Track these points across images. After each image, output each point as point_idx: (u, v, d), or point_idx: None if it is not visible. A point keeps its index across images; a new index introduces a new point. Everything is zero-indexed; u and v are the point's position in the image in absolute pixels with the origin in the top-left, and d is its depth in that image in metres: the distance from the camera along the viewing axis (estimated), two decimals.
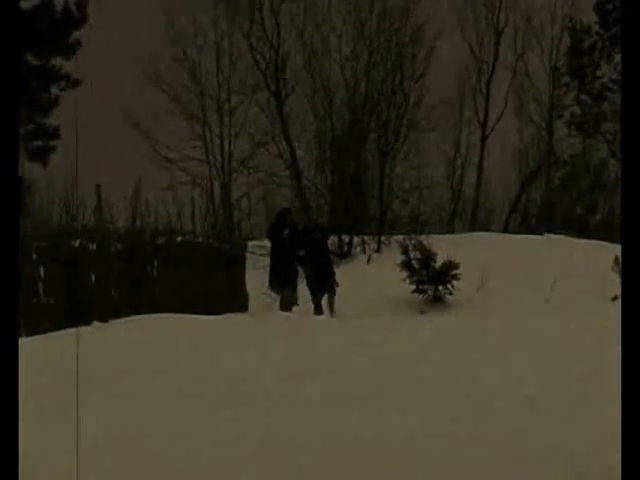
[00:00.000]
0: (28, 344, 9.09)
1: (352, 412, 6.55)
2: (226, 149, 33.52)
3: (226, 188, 32.62)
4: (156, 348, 9.27)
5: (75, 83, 24.76)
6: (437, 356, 8.67)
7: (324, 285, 16.64)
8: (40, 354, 8.67)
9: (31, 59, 23.90)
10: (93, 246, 13.80)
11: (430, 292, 19.50)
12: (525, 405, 6.74)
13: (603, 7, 31.28)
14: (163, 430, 6.23)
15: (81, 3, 24.37)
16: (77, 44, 24.27)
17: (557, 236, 24.86)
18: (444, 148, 34.94)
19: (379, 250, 24.03)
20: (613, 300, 15.15)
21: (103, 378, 7.74)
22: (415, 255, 19.82)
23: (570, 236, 24.93)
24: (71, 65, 24.58)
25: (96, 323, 12.00)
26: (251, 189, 30.73)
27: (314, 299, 16.72)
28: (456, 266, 19.25)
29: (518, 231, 30.19)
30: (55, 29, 23.74)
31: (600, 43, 30.84)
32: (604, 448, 5.28)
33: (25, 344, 8.91)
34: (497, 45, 35.10)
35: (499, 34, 35.06)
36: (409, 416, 6.43)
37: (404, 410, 6.60)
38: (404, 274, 19.52)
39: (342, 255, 23.55)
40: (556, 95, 34.40)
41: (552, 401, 6.91)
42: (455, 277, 19.25)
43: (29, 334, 11.29)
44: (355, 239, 24.45)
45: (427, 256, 19.61)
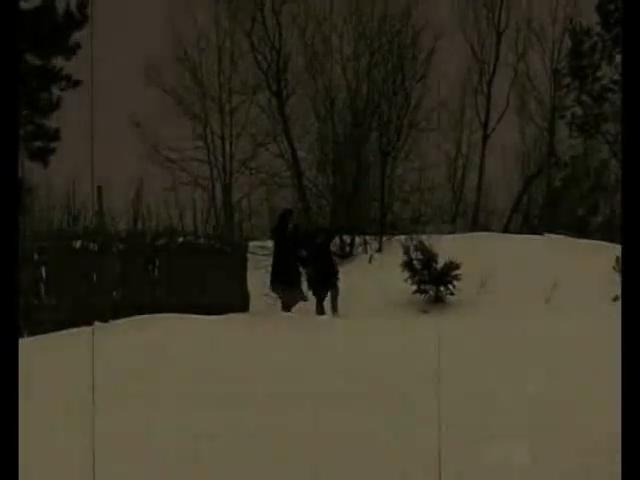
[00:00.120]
0: (29, 344, 9.10)
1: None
2: (227, 150, 33.50)
3: (227, 189, 32.60)
4: (157, 348, 9.28)
5: (76, 84, 24.75)
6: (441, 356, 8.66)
7: (326, 285, 16.57)
8: (42, 354, 8.68)
9: (32, 59, 23.89)
10: (94, 247, 13.81)
11: (432, 292, 19.49)
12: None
13: (605, 8, 31.20)
14: (167, 429, 6.23)
15: (82, 4, 24.37)
16: (77, 45, 24.26)
17: (558, 236, 24.83)
18: (445, 149, 34.88)
19: (381, 250, 24.00)
20: (614, 301, 15.14)
21: (104, 379, 7.75)
22: (417, 255, 19.80)
23: (571, 237, 24.90)
24: (72, 66, 24.58)
25: (97, 323, 12.02)
26: (252, 190, 30.70)
27: (316, 299, 16.67)
28: (457, 266, 19.24)
29: (519, 232, 30.12)
30: (56, 30, 23.74)
31: (601, 44, 30.77)
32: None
33: (26, 344, 8.92)
34: (498, 46, 35.03)
35: (500, 35, 35.03)
36: None
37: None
38: (406, 274, 19.51)
39: (344, 255, 23.54)
40: (557, 96, 34.36)
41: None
42: (456, 277, 19.24)
43: (30, 334, 11.33)
44: (357, 239, 24.44)
45: (428, 256, 19.60)
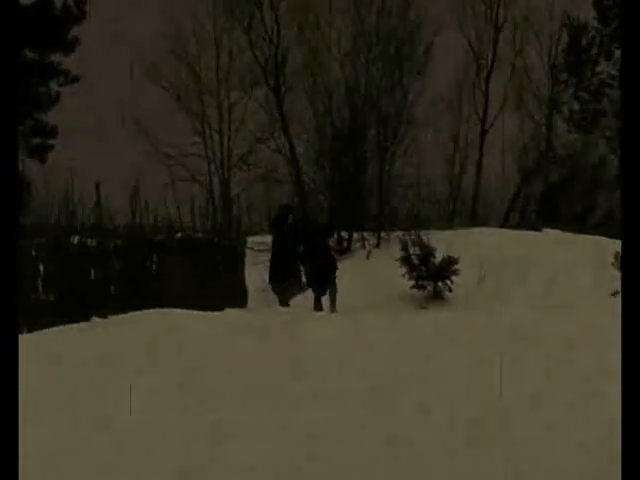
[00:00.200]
0: (28, 340, 9.09)
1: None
2: (225, 145, 33.52)
3: (225, 184, 32.60)
4: (155, 344, 9.27)
5: (74, 79, 24.76)
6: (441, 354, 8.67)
7: (325, 282, 16.52)
8: (40, 350, 8.67)
9: (30, 55, 23.89)
10: (92, 242, 13.80)
11: (430, 288, 19.50)
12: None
13: (602, 3, 31.23)
14: (166, 426, 6.25)
15: (80, 0, 24.38)
16: (76, 40, 24.27)
17: (556, 232, 24.84)
18: (443, 144, 34.89)
19: (378, 246, 24.00)
20: (613, 295, 15.16)
21: (104, 375, 7.75)
22: (414, 251, 19.81)
23: (569, 232, 24.90)
24: (70, 61, 24.58)
25: (95, 319, 12.02)
26: (250, 185, 30.69)
27: (314, 295, 16.65)
28: (455, 261, 19.25)
29: (517, 227, 30.13)
30: (54, 25, 23.73)
31: (598, 39, 30.80)
32: None
33: (25, 340, 8.92)
34: (496, 41, 35.03)
35: (498, 30, 35.01)
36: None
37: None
38: (403, 270, 19.51)
39: (341, 251, 23.54)
40: (555, 91, 34.36)
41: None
42: (454, 272, 19.25)
43: (29, 330, 11.32)
44: (354, 235, 24.44)
45: (426, 252, 19.60)
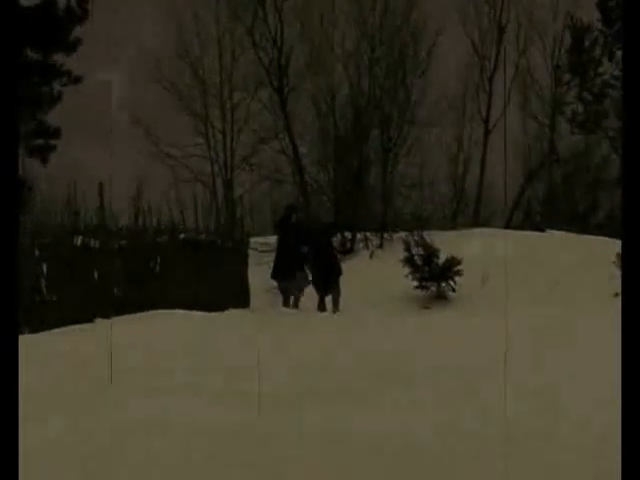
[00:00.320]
0: (31, 340, 9.10)
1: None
2: (228, 146, 33.51)
3: (228, 185, 32.60)
4: (158, 344, 9.28)
5: (77, 80, 24.75)
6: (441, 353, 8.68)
7: (329, 283, 16.42)
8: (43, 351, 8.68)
9: (32, 55, 23.89)
10: (96, 243, 13.81)
11: (433, 288, 19.46)
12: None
13: (605, 4, 31.19)
14: (168, 423, 6.25)
15: (83, 0, 24.36)
16: (78, 41, 24.26)
17: (559, 232, 24.81)
18: (447, 144, 34.86)
19: (382, 246, 24.00)
20: (615, 296, 15.11)
21: (107, 375, 7.75)
22: (418, 251, 19.77)
23: (572, 232, 24.87)
24: (72, 61, 24.57)
25: (99, 320, 12.04)
26: (254, 186, 30.69)
27: (318, 296, 16.59)
28: (459, 262, 19.22)
29: (520, 227, 30.09)
30: (57, 25, 23.73)
31: (602, 40, 30.76)
32: None
33: (27, 340, 8.93)
34: (499, 42, 35.01)
35: (501, 30, 34.99)
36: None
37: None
38: (407, 270, 19.48)
39: (345, 251, 23.54)
40: (558, 92, 34.33)
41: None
42: (458, 273, 19.22)
43: (32, 331, 11.34)
44: (358, 235, 24.44)
45: (430, 252, 19.57)
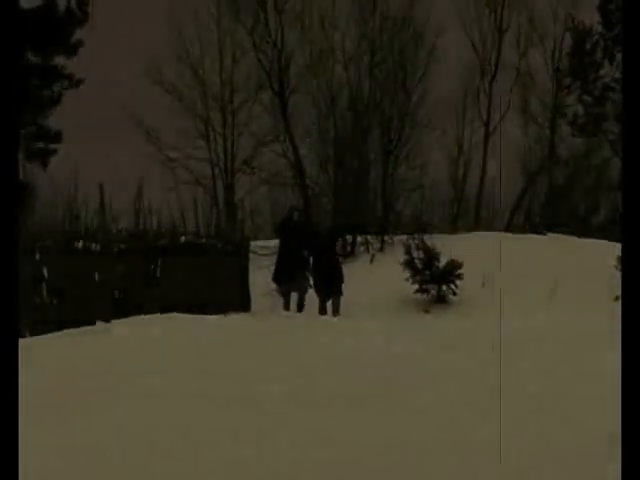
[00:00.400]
0: (31, 344, 9.11)
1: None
2: (229, 149, 33.54)
3: (229, 188, 32.62)
4: (158, 348, 9.29)
5: (78, 82, 24.76)
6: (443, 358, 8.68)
7: (330, 288, 16.34)
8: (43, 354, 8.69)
9: (33, 58, 23.89)
10: (96, 246, 13.82)
11: (433, 292, 19.45)
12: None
13: (606, 7, 31.18)
14: (166, 428, 6.24)
15: (83, 2, 24.37)
16: (79, 43, 24.26)
17: (560, 235, 24.82)
18: (447, 147, 34.94)
19: (382, 250, 23.99)
20: (615, 300, 15.10)
21: (108, 379, 7.76)
22: (418, 255, 19.75)
23: (573, 235, 24.89)
24: (73, 64, 24.58)
25: (99, 323, 12.04)
26: (254, 189, 30.69)
27: (319, 299, 16.54)
28: (459, 265, 19.20)
29: (521, 230, 30.12)
30: (57, 28, 23.73)
31: (602, 43, 30.76)
32: None
33: (28, 344, 8.94)
34: (500, 44, 35.07)
35: (502, 33, 35.05)
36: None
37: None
38: (407, 274, 19.46)
39: (345, 255, 23.53)
40: (559, 95, 34.35)
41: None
42: (458, 277, 19.20)
43: (32, 334, 11.34)
44: (358, 238, 24.44)
45: (430, 256, 19.55)
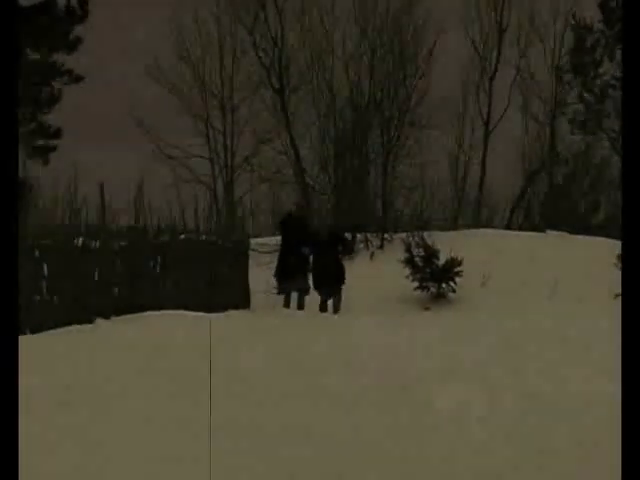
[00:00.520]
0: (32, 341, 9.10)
1: None
2: (229, 147, 33.55)
3: (229, 186, 32.64)
4: (159, 345, 9.28)
5: (78, 78, 24.72)
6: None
7: (331, 288, 16.27)
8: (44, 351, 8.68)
9: (32, 55, 23.85)
10: (96, 244, 13.80)
11: (433, 289, 19.44)
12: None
13: (607, 4, 31.19)
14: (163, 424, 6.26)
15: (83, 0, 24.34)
16: (79, 40, 24.23)
17: (559, 233, 24.83)
18: (447, 145, 34.93)
19: (382, 247, 23.99)
20: (616, 298, 15.08)
21: (107, 376, 7.75)
22: (418, 252, 19.75)
23: (573, 233, 24.90)
24: (73, 60, 24.55)
25: (99, 320, 12.05)
26: (254, 187, 30.72)
27: (320, 298, 16.48)
28: (459, 263, 19.19)
29: (521, 228, 30.14)
30: (57, 25, 23.70)
31: (603, 40, 30.75)
32: None
33: (28, 341, 8.94)
34: (500, 42, 35.06)
35: (502, 31, 35.03)
36: None
37: None
38: (407, 271, 19.47)
39: (345, 253, 23.47)
40: (559, 92, 34.36)
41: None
42: (458, 274, 19.20)
43: (32, 332, 11.35)
44: (358, 236, 24.42)
45: (430, 253, 19.55)
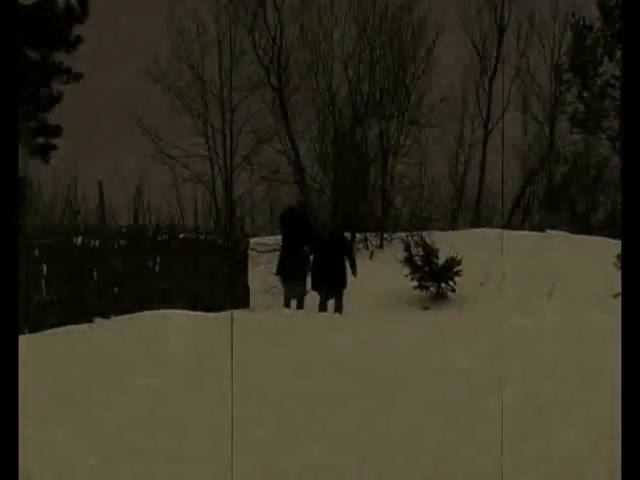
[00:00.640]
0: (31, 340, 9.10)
1: None
2: (228, 146, 33.51)
3: (228, 185, 32.60)
4: (158, 344, 9.29)
5: (77, 77, 24.69)
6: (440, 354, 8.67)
7: (329, 289, 16.19)
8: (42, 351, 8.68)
9: (32, 54, 23.83)
10: (95, 243, 13.81)
11: (433, 289, 19.44)
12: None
13: (606, 3, 31.18)
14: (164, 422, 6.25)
15: None
16: (78, 39, 24.21)
17: (559, 232, 24.83)
18: (447, 145, 34.90)
19: (382, 247, 23.99)
20: (615, 297, 15.08)
21: (106, 375, 7.75)
22: (417, 252, 19.75)
23: (572, 233, 24.90)
24: (72, 59, 24.51)
25: (98, 320, 12.05)
26: (253, 186, 30.70)
27: (320, 298, 16.41)
28: (458, 262, 19.19)
29: (520, 227, 30.14)
30: (57, 24, 23.67)
31: (603, 40, 30.74)
32: None
33: (27, 340, 8.93)
34: (500, 42, 35.05)
35: (502, 31, 35.02)
36: None
37: None
38: (406, 270, 19.46)
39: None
40: (558, 92, 34.35)
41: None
42: (457, 273, 19.20)
43: (32, 331, 11.35)
44: (357, 235, 24.41)
45: (429, 252, 19.54)
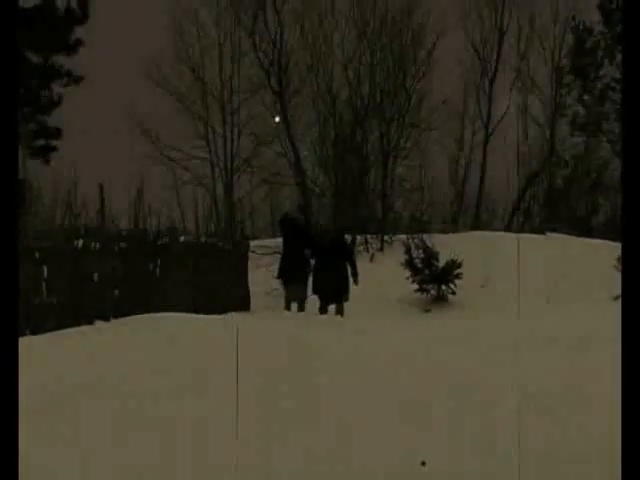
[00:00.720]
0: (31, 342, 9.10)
1: None
2: (229, 148, 33.53)
3: (229, 188, 32.63)
4: (158, 347, 9.28)
5: (78, 79, 24.71)
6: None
7: (330, 294, 16.10)
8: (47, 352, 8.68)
9: (33, 57, 23.85)
10: (96, 245, 13.81)
11: (433, 291, 19.44)
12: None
13: (607, 6, 31.20)
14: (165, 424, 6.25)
15: (83, 1, 24.32)
16: (79, 42, 24.23)
17: (559, 235, 24.83)
18: (447, 147, 34.93)
19: (382, 249, 23.99)
20: (615, 299, 15.10)
21: (106, 377, 7.75)
22: (418, 254, 19.76)
23: (572, 235, 24.90)
24: (72, 62, 24.54)
25: (98, 322, 12.05)
26: (254, 189, 30.73)
27: (320, 302, 16.36)
28: (459, 265, 19.20)
29: (521, 230, 30.13)
30: (57, 27, 23.69)
31: (603, 42, 30.75)
32: None
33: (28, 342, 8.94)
34: (500, 44, 35.08)
35: (502, 33, 35.04)
36: None
37: None
38: (407, 273, 19.46)
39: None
40: (559, 95, 34.36)
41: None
42: (458, 276, 19.20)
43: (32, 333, 11.36)
44: (358, 238, 24.41)
45: (430, 255, 19.56)
